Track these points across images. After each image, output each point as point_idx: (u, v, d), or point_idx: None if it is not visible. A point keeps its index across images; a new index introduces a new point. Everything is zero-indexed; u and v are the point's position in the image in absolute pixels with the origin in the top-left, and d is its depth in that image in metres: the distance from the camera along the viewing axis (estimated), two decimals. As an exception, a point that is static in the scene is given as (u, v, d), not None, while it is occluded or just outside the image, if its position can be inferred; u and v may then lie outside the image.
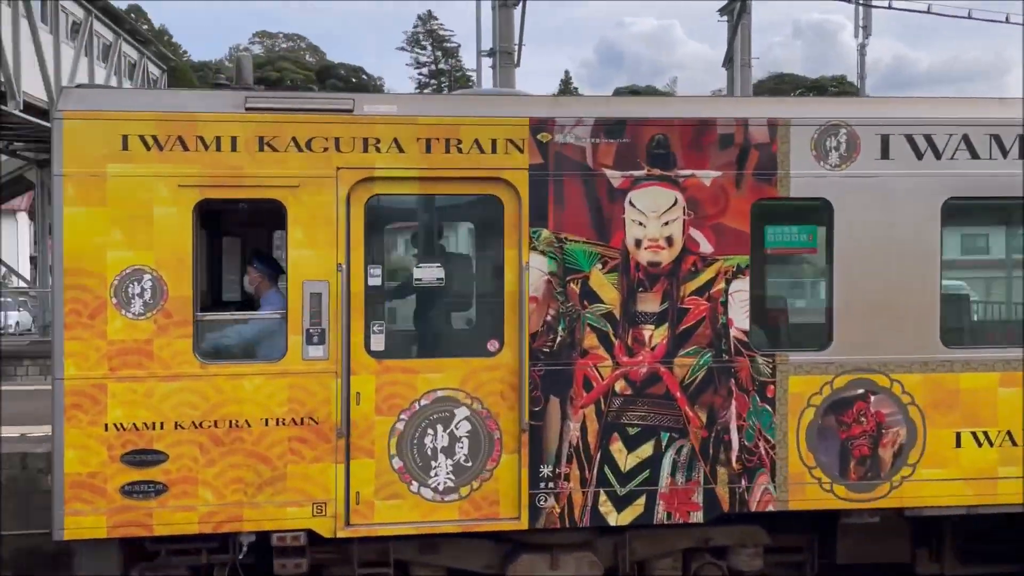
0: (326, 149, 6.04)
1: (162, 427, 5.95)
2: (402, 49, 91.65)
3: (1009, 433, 6.58)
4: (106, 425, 5.91)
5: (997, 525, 7.04)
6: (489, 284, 6.39)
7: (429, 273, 6.32)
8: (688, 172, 6.32)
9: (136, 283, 5.91)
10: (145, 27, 50.21)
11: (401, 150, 6.09)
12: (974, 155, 6.53)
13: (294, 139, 6.01)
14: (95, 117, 5.90)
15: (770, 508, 6.46)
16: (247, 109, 6.03)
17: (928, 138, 6.49)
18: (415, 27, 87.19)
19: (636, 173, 6.29)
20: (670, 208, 6.32)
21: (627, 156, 6.28)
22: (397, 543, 6.47)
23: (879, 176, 6.46)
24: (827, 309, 6.49)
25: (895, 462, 6.52)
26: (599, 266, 6.28)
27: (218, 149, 5.97)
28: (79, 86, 6.22)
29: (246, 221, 7.33)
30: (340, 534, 6.13)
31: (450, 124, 6.14)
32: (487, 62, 16.49)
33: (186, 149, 5.94)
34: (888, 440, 6.51)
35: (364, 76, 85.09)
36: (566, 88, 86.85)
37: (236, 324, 6.39)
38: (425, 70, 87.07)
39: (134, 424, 5.93)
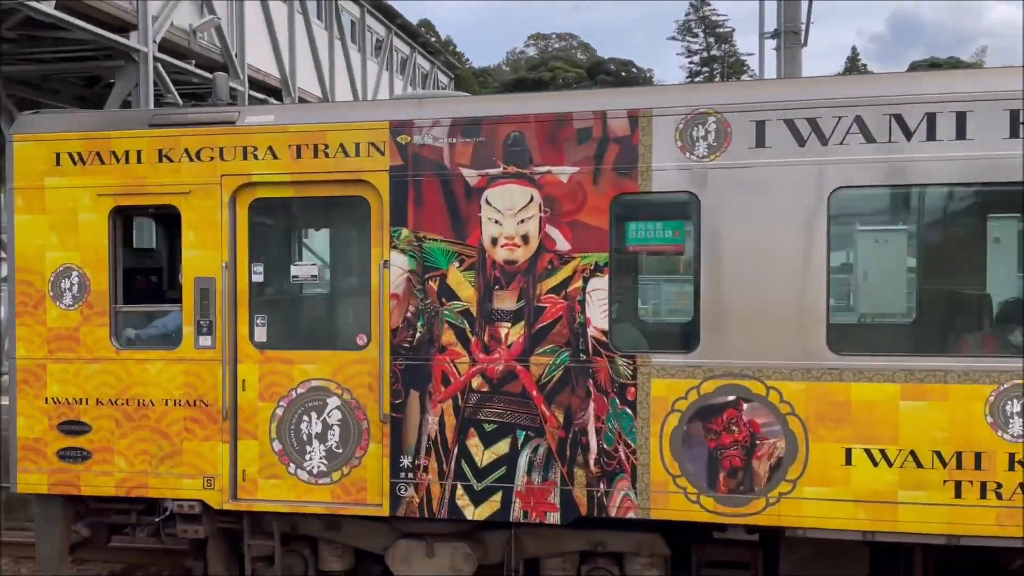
0: (212, 158, 6.68)
1: (87, 403, 6.93)
2: (673, 39, 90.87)
3: (913, 453, 5.80)
4: (46, 399, 7.00)
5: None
6: (358, 281, 6.70)
7: (304, 271, 6.78)
8: (544, 169, 6.23)
9: (67, 279, 6.93)
10: (433, 39, 53.80)
11: (275, 156, 6.59)
12: (868, 138, 5.80)
13: (186, 150, 6.72)
14: (36, 139, 6.99)
15: (631, 515, 6.21)
16: (150, 125, 6.83)
17: (812, 122, 5.87)
18: (687, 15, 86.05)
19: (492, 171, 6.31)
20: (526, 206, 6.27)
21: (483, 155, 6.31)
22: (306, 519, 7.01)
23: (753, 166, 5.95)
24: (694, 309, 6.09)
25: (772, 476, 5.99)
26: (456, 264, 6.38)
27: (127, 162, 6.82)
28: (34, 113, 7.33)
29: None
30: (226, 506, 6.78)
31: (317, 130, 6.54)
32: (770, 44, 15.99)
33: (103, 163, 6.85)
34: (763, 452, 5.99)
35: (634, 69, 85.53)
36: (853, 66, 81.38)
37: (152, 315, 7.21)
38: (697, 58, 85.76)
39: (66, 399, 6.96)
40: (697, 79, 76.94)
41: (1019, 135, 5.60)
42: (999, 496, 5.71)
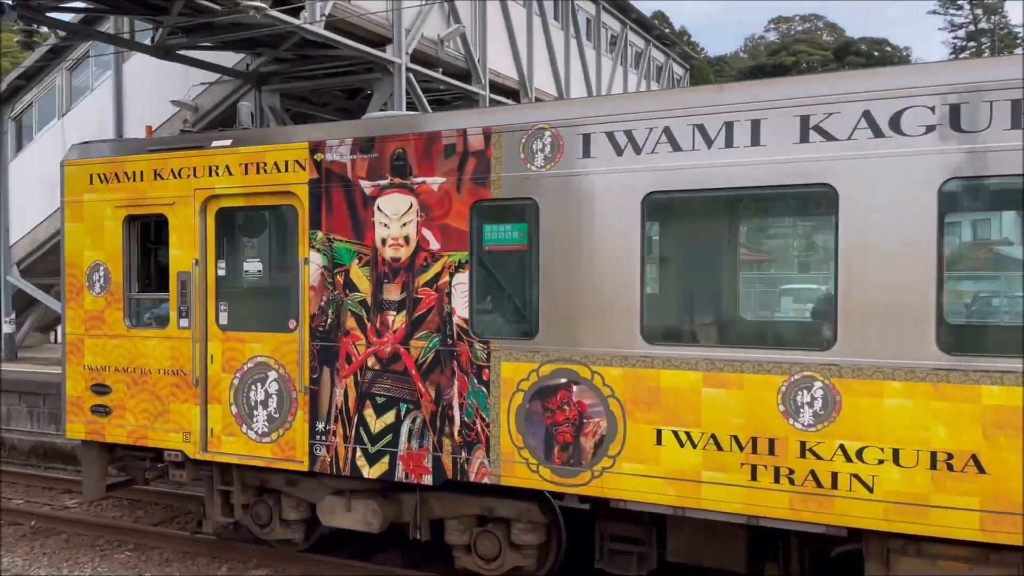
0: (189, 175, 8.30)
1: (109, 370, 8.80)
2: (933, 12, 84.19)
3: (714, 436, 6.27)
4: (84, 366, 8.96)
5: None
6: (291, 275, 8.02)
7: (253, 267, 8.22)
8: (421, 179, 7.26)
9: (96, 272, 8.84)
10: (667, 30, 53.54)
11: (230, 173, 8.09)
12: (676, 148, 6.33)
13: (172, 170, 8.39)
14: (78, 164, 8.96)
15: (485, 481, 7.09)
16: (148, 151, 8.57)
17: (628, 133, 6.48)
18: (949, -15, 79.61)
19: (382, 182, 7.42)
20: (407, 211, 7.33)
21: (376, 168, 7.44)
22: (273, 476, 8.48)
23: (580, 174, 6.64)
24: (535, 301, 6.86)
25: (596, 452, 6.66)
26: (356, 261, 7.56)
27: (133, 180, 8.61)
28: (81, 143, 9.28)
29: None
30: (198, 456, 8.38)
31: (258, 151, 7.96)
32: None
33: (119, 181, 8.70)
34: (589, 430, 6.67)
35: (887, 48, 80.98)
36: None
37: (154, 301, 8.94)
38: (962, 32, 79.43)
39: (96, 366, 8.88)
40: (962, 55, 71.15)
41: (808, 140, 5.93)
42: (791, 481, 6.06)
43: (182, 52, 16.95)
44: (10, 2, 13.34)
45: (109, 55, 20.07)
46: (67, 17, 16.23)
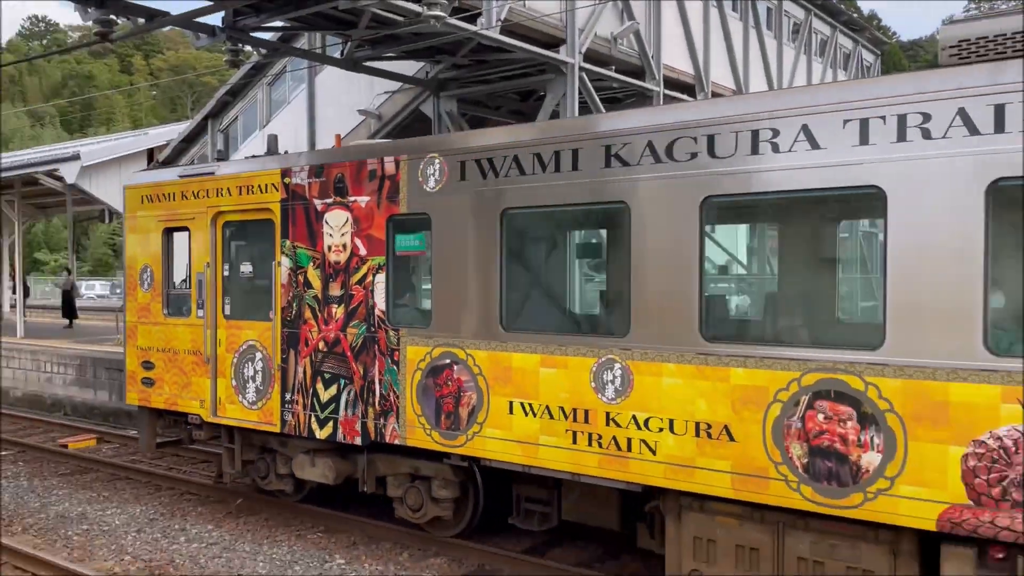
0: (204, 196, 10.47)
1: (153, 350, 11.14)
2: None
3: (548, 407, 7.65)
4: (137, 346, 11.36)
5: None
6: (270, 275, 9.98)
7: (247, 268, 10.27)
8: (354, 198, 9.03)
9: (145, 272, 11.21)
10: (855, 15, 50.72)
11: (230, 194, 10.18)
12: (521, 171, 7.76)
13: (193, 192, 10.59)
14: (134, 187, 11.37)
15: (396, 442, 8.75)
16: (180, 177, 10.82)
17: (489, 160, 7.97)
18: None
19: (328, 200, 9.25)
20: (345, 224, 9.11)
21: (324, 189, 9.28)
22: (270, 438, 10.53)
23: (457, 193, 8.20)
24: (430, 296, 8.46)
25: (469, 419, 8.18)
26: (312, 264, 9.42)
27: (169, 200, 10.89)
28: (138, 172, 11.65)
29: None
30: (209, 420, 10.52)
31: (247, 176, 9.99)
32: None
33: (160, 201, 11.01)
34: (465, 401, 8.20)
35: None
36: None
37: (183, 296, 11.17)
38: None
39: (145, 347, 11.24)
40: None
41: (611, 164, 7.24)
42: (600, 445, 7.37)
43: (368, 63, 17.80)
44: (220, 25, 15.44)
45: (303, 69, 21.78)
46: (267, 36, 17.46)
